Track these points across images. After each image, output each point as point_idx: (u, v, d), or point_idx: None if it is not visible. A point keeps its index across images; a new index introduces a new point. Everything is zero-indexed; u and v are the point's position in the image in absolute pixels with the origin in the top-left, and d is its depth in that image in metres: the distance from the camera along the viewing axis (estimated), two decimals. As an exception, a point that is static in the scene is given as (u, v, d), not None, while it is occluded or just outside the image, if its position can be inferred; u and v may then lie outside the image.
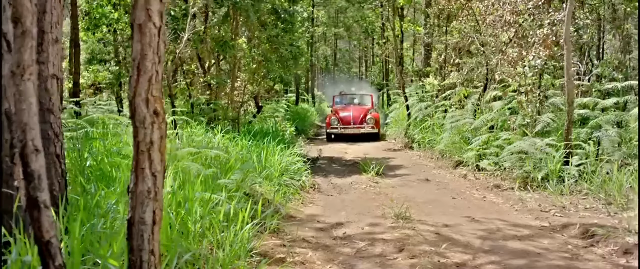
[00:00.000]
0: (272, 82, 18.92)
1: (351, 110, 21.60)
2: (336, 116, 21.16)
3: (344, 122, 20.75)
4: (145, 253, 3.27)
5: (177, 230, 5.06)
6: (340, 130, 20.61)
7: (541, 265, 5.81)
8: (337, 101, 23.88)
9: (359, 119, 20.88)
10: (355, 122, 20.73)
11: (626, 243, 6.47)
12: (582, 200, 8.87)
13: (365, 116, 21.08)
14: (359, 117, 20.96)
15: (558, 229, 7.47)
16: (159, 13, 3.19)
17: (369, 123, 20.64)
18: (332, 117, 21.19)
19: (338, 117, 21.02)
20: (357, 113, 21.23)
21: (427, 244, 6.53)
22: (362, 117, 21.00)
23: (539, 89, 11.40)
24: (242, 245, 5.32)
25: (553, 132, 11.17)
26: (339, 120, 20.87)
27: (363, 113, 21.30)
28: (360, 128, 20.51)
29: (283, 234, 7.06)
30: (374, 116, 21.15)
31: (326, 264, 5.89)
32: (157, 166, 3.27)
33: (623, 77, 11.95)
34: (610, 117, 10.96)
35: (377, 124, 20.86)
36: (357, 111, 21.51)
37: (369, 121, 20.71)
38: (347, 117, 21.03)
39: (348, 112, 21.38)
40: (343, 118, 20.99)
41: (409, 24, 22.58)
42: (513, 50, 11.53)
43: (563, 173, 9.74)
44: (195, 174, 5.91)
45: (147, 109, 3.21)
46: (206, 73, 14.14)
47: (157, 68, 3.23)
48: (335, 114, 21.53)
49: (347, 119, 20.87)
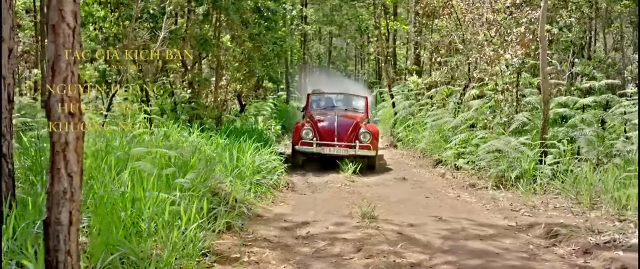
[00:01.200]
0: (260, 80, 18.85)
1: (336, 118, 13.47)
2: (312, 127, 13.22)
3: (324, 136, 12.98)
4: (62, 254, 3.26)
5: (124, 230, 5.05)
6: (317, 149, 12.83)
7: (496, 265, 5.79)
8: (313, 101, 15.47)
9: (347, 133, 13.05)
10: (341, 138, 12.95)
11: (587, 243, 6.46)
12: (553, 199, 8.85)
13: (357, 128, 13.19)
14: (347, 131, 13.07)
15: (524, 229, 7.46)
16: (73, 14, 3.17)
17: (364, 140, 12.89)
18: (305, 126, 13.21)
19: (315, 129, 13.16)
20: (345, 124, 13.32)
21: (387, 243, 6.50)
22: (353, 130, 13.12)
23: (517, 87, 11.39)
24: (193, 244, 5.30)
25: (530, 131, 11.16)
26: (315, 133, 13.04)
27: (354, 124, 13.33)
28: (349, 147, 12.79)
29: (246, 233, 7.03)
30: (371, 130, 13.29)
31: (281, 264, 5.86)
32: (73, 166, 3.25)
33: (603, 76, 11.91)
34: (587, 116, 10.95)
35: (374, 142, 13.07)
36: (345, 120, 13.56)
37: (364, 136, 12.94)
38: (328, 129, 13.15)
39: (331, 122, 13.40)
40: (323, 130, 13.13)
41: (395, 23, 22.19)
42: (490, 48, 11.51)
43: (537, 172, 9.72)
44: (149, 173, 5.89)
45: (62, 110, 3.19)
46: (188, 71, 14.12)
47: (72, 69, 3.21)
48: (311, 123, 13.52)
49: (328, 133, 13.03)
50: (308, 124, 13.38)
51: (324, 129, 13.13)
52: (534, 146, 10.21)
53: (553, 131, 10.80)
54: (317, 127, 13.16)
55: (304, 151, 12.92)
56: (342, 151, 12.69)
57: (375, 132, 13.31)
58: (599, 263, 5.92)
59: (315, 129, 13.09)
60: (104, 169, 6.26)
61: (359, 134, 12.95)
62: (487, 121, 11.85)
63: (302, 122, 13.86)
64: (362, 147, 12.74)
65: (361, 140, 12.83)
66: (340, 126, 13.18)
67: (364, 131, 13.00)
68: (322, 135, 12.97)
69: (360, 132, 12.99)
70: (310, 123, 13.42)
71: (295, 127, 13.48)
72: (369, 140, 12.86)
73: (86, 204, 5.51)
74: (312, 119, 13.67)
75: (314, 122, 13.43)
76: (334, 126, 13.14)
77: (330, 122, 13.34)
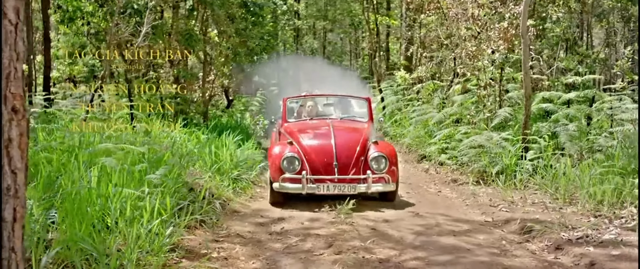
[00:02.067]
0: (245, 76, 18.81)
1: (332, 134, 8.89)
2: (296, 151, 8.62)
3: (318, 166, 8.51)
4: (5, 251, 3.23)
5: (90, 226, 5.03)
6: (310, 188, 8.29)
7: (466, 261, 5.78)
8: (292, 109, 10.77)
9: (352, 158, 8.59)
10: (344, 166, 8.51)
11: (560, 239, 6.45)
12: (532, 195, 8.85)
13: (364, 149, 8.72)
14: (352, 155, 8.62)
15: (499, 225, 7.46)
16: (14, 10, 3.14)
17: (378, 168, 8.46)
18: (287, 153, 8.54)
19: (302, 154, 8.63)
20: (346, 143, 8.78)
21: (359, 239, 6.49)
22: (359, 152, 8.65)
23: (500, 83, 11.38)
24: (158, 240, 5.29)
25: (512, 127, 11.16)
26: (304, 161, 8.55)
27: (360, 142, 8.79)
28: (356, 182, 8.38)
29: (219, 229, 7.03)
30: (386, 150, 8.74)
31: (250, 260, 5.86)
32: (17, 163, 3.23)
33: (587, 71, 11.92)
34: (571, 111, 10.95)
35: (393, 170, 8.60)
36: (344, 136, 9.02)
37: (378, 162, 8.50)
38: (323, 153, 8.64)
39: (325, 141, 8.83)
40: (315, 155, 8.63)
41: (384, 17, 22.12)
42: (472, 44, 11.50)
43: (518, 168, 9.72)
44: (120, 169, 5.89)
45: (5, 106, 3.17)
46: (173, 67, 14.10)
47: (15, 65, 3.18)
48: (295, 145, 8.80)
49: (324, 159, 8.56)
50: (290, 147, 8.54)
51: (317, 152, 8.51)
52: (516, 142, 10.21)
53: (536, 126, 10.81)
54: (306, 151, 8.53)
55: (289, 191, 8.31)
56: (348, 189, 8.16)
57: (391, 153, 8.63)
58: (569, 258, 5.91)
59: (303, 155, 8.48)
60: (74, 165, 6.25)
61: (370, 159, 8.39)
62: (470, 116, 11.84)
63: (281, 145, 8.82)
64: (377, 180, 8.28)
65: (374, 168, 8.31)
66: (340, 146, 8.52)
67: (376, 153, 8.42)
68: (314, 164, 8.39)
69: (372, 156, 8.41)
70: (293, 146, 8.60)
71: (271, 155, 8.67)
72: (386, 168, 8.33)
73: (55, 200, 5.51)
74: (296, 138, 8.86)
75: (299, 143, 8.71)
76: (331, 148, 8.50)
77: (325, 142, 8.67)
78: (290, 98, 10.96)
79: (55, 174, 6.06)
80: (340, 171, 8.42)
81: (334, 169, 8.40)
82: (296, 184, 8.26)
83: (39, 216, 5.05)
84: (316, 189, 8.26)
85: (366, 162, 8.50)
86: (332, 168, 8.41)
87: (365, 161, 8.53)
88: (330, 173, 8.38)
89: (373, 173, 8.31)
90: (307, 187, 8.20)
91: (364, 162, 8.52)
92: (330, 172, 8.39)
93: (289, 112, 10.49)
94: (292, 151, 8.53)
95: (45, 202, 5.40)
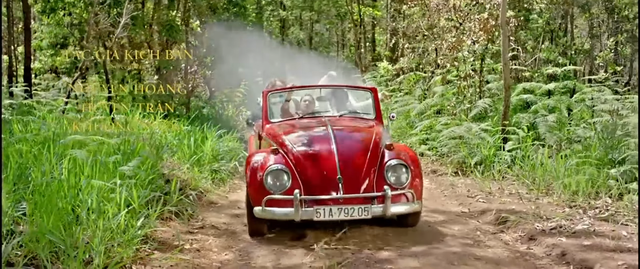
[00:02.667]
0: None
1: (332, 137, 6.43)
2: (285, 162, 6.22)
3: (316, 182, 6.07)
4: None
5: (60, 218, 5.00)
6: (305, 212, 5.87)
7: (438, 252, 5.79)
8: (275, 104, 8.27)
9: (361, 169, 6.17)
10: (351, 181, 6.07)
11: (534, 229, 6.49)
12: (510, 186, 8.88)
13: (376, 155, 6.35)
14: (361, 165, 6.20)
15: (475, 216, 7.49)
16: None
17: (398, 181, 6.18)
18: (270, 165, 6.15)
19: (290, 163, 6.23)
20: (351, 149, 6.38)
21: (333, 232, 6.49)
22: (370, 161, 6.25)
23: (480, 74, 11.41)
24: (128, 232, 5.27)
25: (492, 117, 11.20)
26: (294, 174, 6.13)
27: (370, 146, 6.39)
28: (367, 203, 5.95)
29: (195, 220, 7.04)
30: (405, 157, 6.37)
31: (223, 252, 5.86)
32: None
33: (567, 62, 11.97)
34: (550, 102, 10.99)
35: (417, 181, 6.32)
36: (348, 138, 6.78)
37: (396, 173, 6.21)
38: (321, 163, 6.17)
39: (323, 147, 6.33)
40: (311, 167, 6.17)
41: (367, 8, 22.09)
42: (452, 35, 11.51)
43: (496, 158, 9.75)
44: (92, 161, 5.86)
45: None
46: (155, 58, 14.03)
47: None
48: (283, 153, 6.38)
49: (323, 172, 6.10)
50: (275, 156, 6.25)
51: (313, 162, 6.18)
52: (495, 132, 10.25)
53: (517, 117, 10.84)
54: (297, 161, 6.21)
55: (276, 218, 6.04)
56: (358, 212, 5.88)
57: (413, 160, 6.44)
58: (541, 249, 5.95)
59: (294, 166, 6.17)
60: (46, 157, 6.21)
61: (386, 170, 6.19)
62: (451, 108, 11.87)
63: (263, 154, 6.42)
64: (397, 197, 6.09)
65: (392, 182, 6.11)
66: (343, 152, 6.20)
67: (394, 161, 6.23)
68: (309, 179, 6.09)
69: (388, 165, 6.22)
70: (279, 154, 6.30)
71: (250, 167, 6.28)
72: (408, 180, 6.16)
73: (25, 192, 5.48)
74: (283, 144, 6.51)
75: (287, 150, 6.37)
76: (332, 155, 6.15)
77: (323, 148, 6.29)
78: (273, 91, 8.12)
79: (26, 166, 6.02)
80: (347, 187, 5.93)
81: (337, 184, 5.90)
82: (286, 209, 5.84)
83: (8, 209, 5.02)
84: (314, 214, 5.80)
85: (381, 174, 6.13)
86: (334, 183, 5.92)
87: (379, 172, 6.14)
88: (333, 191, 5.92)
89: (392, 189, 5.96)
90: (301, 212, 5.78)
91: (378, 174, 6.13)
92: (333, 189, 5.93)
93: (270, 110, 7.75)
94: (278, 161, 6.09)
95: (15, 194, 5.36)
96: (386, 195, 5.89)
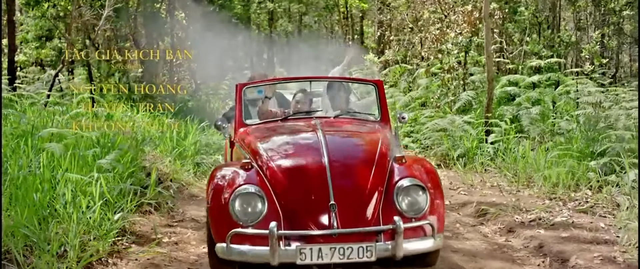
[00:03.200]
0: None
1: (319, 148, 4.64)
2: (258, 180, 4.50)
3: (299, 212, 4.29)
4: None
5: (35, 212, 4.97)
6: (284, 256, 4.12)
7: (416, 244, 5.78)
8: (251, 102, 6.44)
9: (360, 193, 4.38)
10: (348, 209, 4.27)
11: (513, 222, 6.52)
12: (492, 178, 8.90)
13: (382, 177, 4.52)
14: (360, 189, 4.41)
15: (456, 208, 7.51)
16: None
17: (415, 209, 4.38)
18: (238, 181, 4.47)
19: (267, 183, 4.49)
20: (347, 163, 4.66)
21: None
22: (373, 186, 4.43)
23: (465, 66, 11.43)
24: (104, 225, 5.25)
25: (476, 110, 11.21)
26: (271, 199, 4.36)
27: (371, 163, 4.58)
28: (370, 240, 4.22)
29: (175, 213, 7.02)
30: (421, 174, 4.57)
31: (201, 245, 5.85)
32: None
33: (550, 54, 11.98)
34: (533, 94, 11.02)
35: (440, 211, 4.53)
36: (344, 151, 4.93)
37: (409, 198, 4.41)
38: (303, 182, 4.45)
39: (308, 160, 4.62)
40: (288, 188, 4.42)
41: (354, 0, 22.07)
42: (436, 27, 11.52)
43: (479, 151, 9.78)
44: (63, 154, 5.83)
45: None
46: (140, 50, 13.98)
47: None
48: (255, 164, 4.70)
49: (309, 200, 4.32)
50: (247, 173, 4.59)
51: (296, 183, 4.50)
52: (478, 125, 10.26)
53: (500, 109, 10.86)
54: (276, 181, 4.52)
55: (245, 259, 4.30)
56: (359, 253, 4.19)
57: (432, 177, 4.72)
58: (520, 241, 5.98)
59: (272, 188, 4.48)
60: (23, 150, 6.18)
61: (396, 192, 4.46)
62: (435, 100, 11.88)
63: (231, 170, 4.71)
64: (412, 231, 4.35)
65: (404, 210, 4.40)
66: (338, 169, 4.53)
67: (407, 181, 4.48)
68: (292, 205, 4.37)
69: (400, 186, 4.48)
70: (253, 171, 4.64)
71: (212, 188, 4.57)
72: (427, 206, 4.43)
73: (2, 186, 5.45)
74: (259, 156, 4.85)
75: (263, 164, 4.71)
76: (322, 173, 4.46)
77: (311, 162, 4.61)
78: (251, 85, 6.27)
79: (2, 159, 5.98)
80: (343, 217, 4.24)
81: (330, 213, 4.22)
82: (259, 247, 4.19)
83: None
84: (298, 257, 4.15)
85: (389, 198, 4.42)
86: (326, 212, 4.24)
87: (386, 196, 4.44)
88: (324, 222, 4.22)
89: (404, 219, 4.26)
90: (280, 252, 4.13)
91: (385, 199, 4.43)
92: (324, 220, 4.23)
93: (246, 108, 6.07)
94: (250, 180, 4.48)
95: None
96: (397, 229, 4.16)
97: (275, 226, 4.10)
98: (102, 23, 10.79)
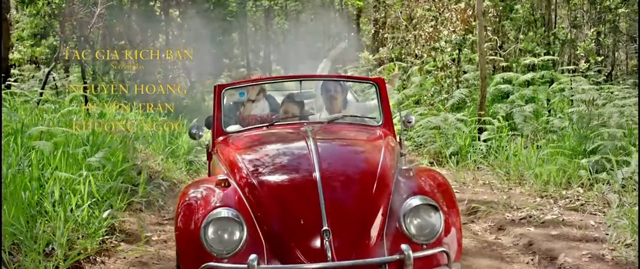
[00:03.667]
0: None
1: (311, 162, 3.79)
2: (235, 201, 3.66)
3: (285, 240, 3.43)
4: None
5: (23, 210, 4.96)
6: None
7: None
8: (233, 108, 5.83)
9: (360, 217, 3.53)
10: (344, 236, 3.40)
11: (503, 219, 6.52)
12: (484, 176, 8.89)
13: (385, 195, 3.68)
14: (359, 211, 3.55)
15: (447, 206, 7.48)
16: None
17: (427, 233, 3.52)
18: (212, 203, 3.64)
19: (246, 205, 3.63)
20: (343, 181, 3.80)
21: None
22: (374, 206, 3.58)
23: (458, 64, 11.42)
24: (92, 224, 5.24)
25: (469, 108, 11.21)
26: (252, 224, 3.52)
27: (373, 179, 3.74)
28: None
29: (165, 211, 7.01)
30: (432, 191, 3.74)
31: (190, 243, 5.82)
32: None
33: (543, 52, 11.99)
34: (527, 92, 11.01)
35: (456, 236, 3.65)
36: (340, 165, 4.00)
37: (418, 220, 3.54)
38: (290, 203, 3.59)
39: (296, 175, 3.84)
40: (272, 212, 3.56)
41: (348, -1, 22.11)
42: (429, 25, 11.51)
43: (471, 149, 9.77)
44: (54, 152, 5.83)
45: None
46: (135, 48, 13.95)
47: None
48: (232, 182, 3.86)
49: (298, 225, 3.46)
50: (223, 193, 3.74)
51: (282, 204, 3.60)
52: (471, 123, 10.26)
53: (494, 107, 10.85)
54: (258, 202, 3.64)
55: None
56: None
57: (446, 192, 3.91)
58: (509, 239, 5.99)
59: (252, 211, 3.61)
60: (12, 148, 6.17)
61: (403, 214, 3.57)
62: (429, 98, 11.88)
63: (207, 185, 3.92)
64: (421, 261, 3.45)
65: (413, 235, 3.51)
66: (333, 187, 3.66)
67: (416, 200, 3.61)
68: (276, 232, 3.50)
69: (408, 207, 3.59)
70: (230, 190, 3.78)
71: (182, 212, 3.74)
72: (440, 230, 3.53)
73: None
74: (235, 169, 4.02)
75: (242, 181, 3.85)
76: (315, 190, 3.56)
77: (299, 178, 3.80)
78: (231, 87, 5.40)
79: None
80: (340, 245, 3.41)
81: (323, 242, 3.38)
82: None
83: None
84: None
85: (394, 221, 3.62)
86: (318, 240, 3.40)
87: (391, 218, 3.62)
88: (316, 253, 3.39)
89: (413, 247, 3.45)
90: None
91: (390, 221, 3.61)
92: (316, 249, 3.40)
93: (226, 115, 5.29)
94: (227, 202, 3.67)
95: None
96: (405, 259, 3.36)
97: (255, 258, 3.31)
98: (94, 21, 10.75)
